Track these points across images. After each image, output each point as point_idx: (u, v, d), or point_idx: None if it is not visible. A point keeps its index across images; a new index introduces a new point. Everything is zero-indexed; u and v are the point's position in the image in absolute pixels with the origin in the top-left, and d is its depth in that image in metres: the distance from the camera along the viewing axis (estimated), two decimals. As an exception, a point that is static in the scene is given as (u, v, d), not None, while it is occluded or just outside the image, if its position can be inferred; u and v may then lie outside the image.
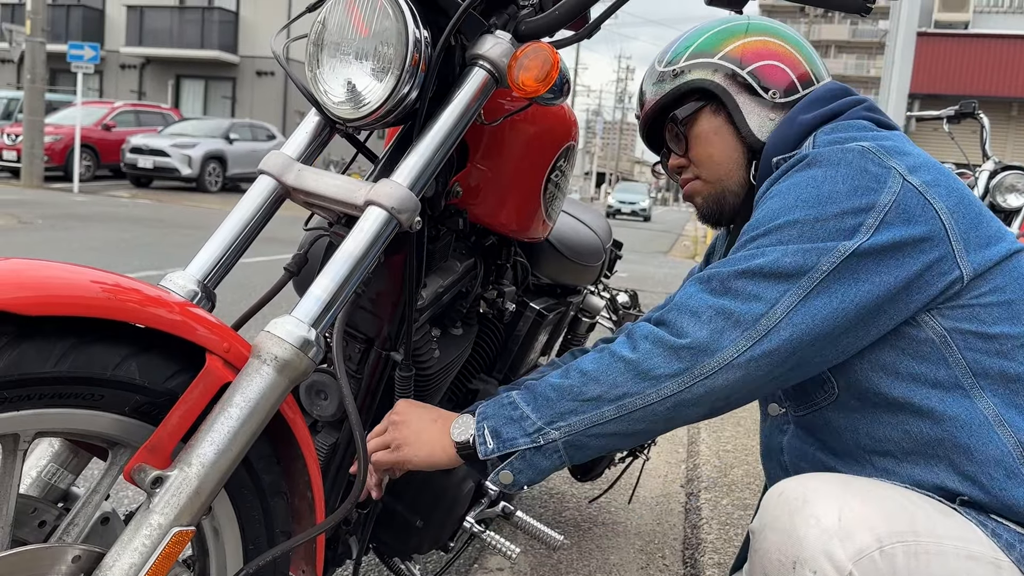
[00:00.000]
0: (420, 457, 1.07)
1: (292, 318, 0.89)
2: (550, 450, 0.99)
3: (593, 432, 0.98)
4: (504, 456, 1.00)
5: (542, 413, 0.99)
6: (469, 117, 1.01)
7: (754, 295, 0.95)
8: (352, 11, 0.98)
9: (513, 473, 1.00)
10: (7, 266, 0.76)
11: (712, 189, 1.21)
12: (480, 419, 1.03)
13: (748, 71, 1.15)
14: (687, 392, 0.95)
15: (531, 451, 0.99)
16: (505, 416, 1.01)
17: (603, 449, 1.01)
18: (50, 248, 6.50)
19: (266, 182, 1.03)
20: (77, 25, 23.08)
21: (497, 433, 1.01)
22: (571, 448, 0.99)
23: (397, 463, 1.09)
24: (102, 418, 0.81)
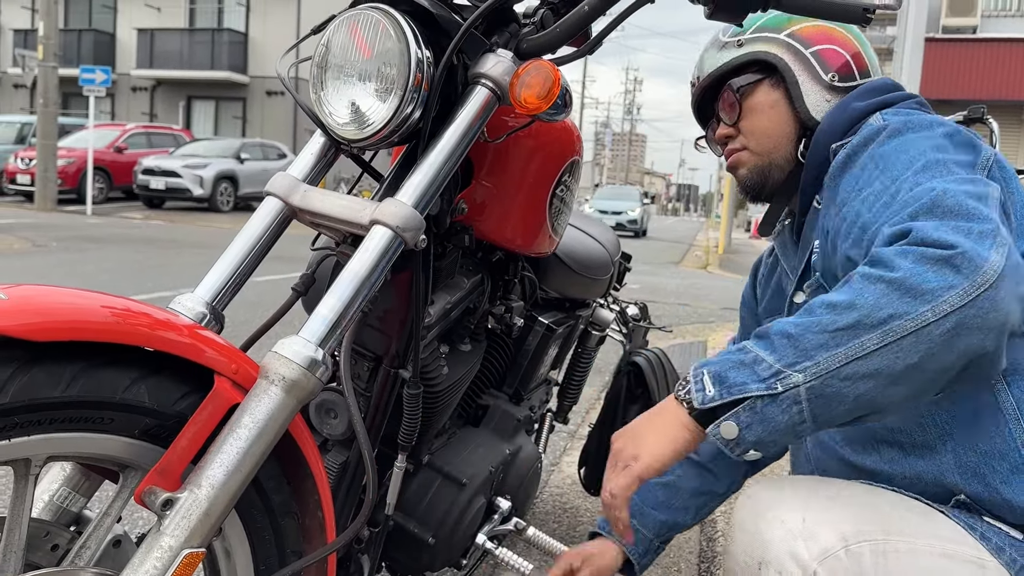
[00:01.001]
0: (659, 451, 0.90)
1: (299, 338, 0.89)
2: (789, 400, 0.83)
3: (849, 372, 0.81)
4: (729, 404, 0.85)
5: (781, 353, 0.84)
6: (472, 135, 1.01)
7: (975, 211, 0.85)
8: (355, 33, 0.99)
9: (739, 426, 0.85)
10: (17, 292, 0.77)
11: (759, 161, 1.22)
12: (699, 367, 0.89)
13: (811, 51, 1.18)
14: (971, 307, 0.78)
15: (765, 399, 0.83)
16: (732, 360, 0.87)
17: (859, 402, 0.83)
18: (64, 271, 6.55)
19: (273, 203, 1.04)
20: (88, 49, 23.35)
21: (721, 378, 0.86)
22: (818, 399, 0.82)
23: (638, 477, 0.91)
24: (112, 441, 0.82)
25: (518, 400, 1.63)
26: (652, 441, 0.91)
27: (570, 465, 2.71)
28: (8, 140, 17.04)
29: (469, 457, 1.38)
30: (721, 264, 13.76)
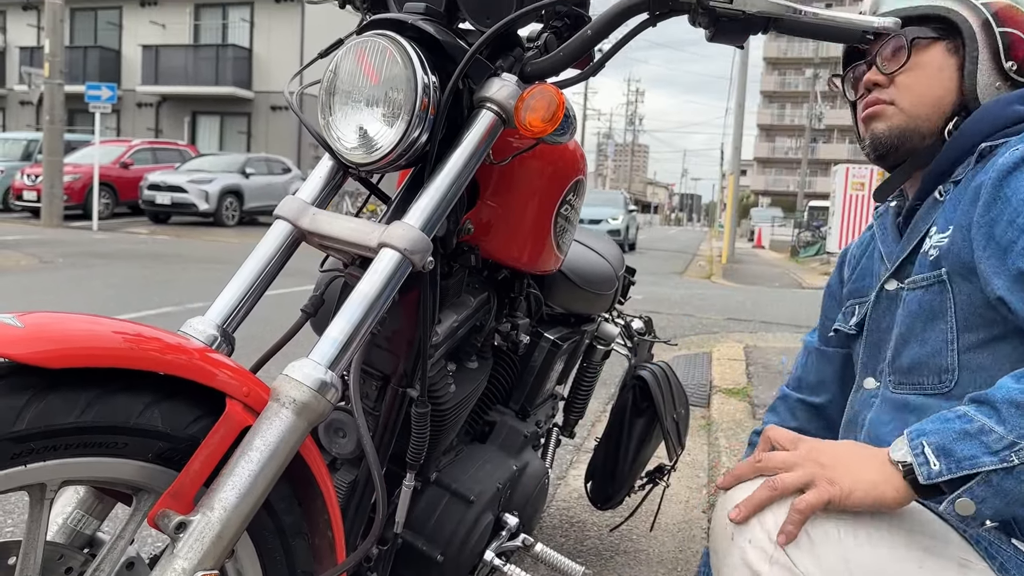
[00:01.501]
0: (861, 490, 0.87)
1: (309, 361, 0.90)
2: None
3: None
4: (960, 480, 0.82)
5: (1013, 424, 0.80)
6: (478, 158, 1.03)
7: None
8: (362, 59, 1.01)
9: (975, 501, 0.81)
10: (31, 320, 0.78)
11: (903, 121, 1.13)
12: (915, 436, 0.86)
13: (1001, 31, 1.08)
14: None
15: (1000, 472, 0.80)
16: (955, 431, 0.84)
17: None
18: (71, 287, 6.58)
19: (282, 226, 1.05)
20: (94, 66, 23.52)
21: (946, 451, 0.83)
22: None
23: (832, 501, 0.87)
24: (126, 465, 0.83)
25: (524, 416, 1.64)
26: (858, 477, 0.88)
27: (577, 479, 2.72)
28: (14, 157, 17.14)
29: (476, 474, 1.39)
30: (724, 274, 13.76)
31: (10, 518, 2.17)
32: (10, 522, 2.15)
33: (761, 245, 28.15)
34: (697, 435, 3.40)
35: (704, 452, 3.18)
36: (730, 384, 4.18)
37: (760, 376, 4.40)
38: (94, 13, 24.70)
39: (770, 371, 4.54)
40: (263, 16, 22.88)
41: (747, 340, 5.79)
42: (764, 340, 5.89)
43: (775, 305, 8.50)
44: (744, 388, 4.08)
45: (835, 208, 15.82)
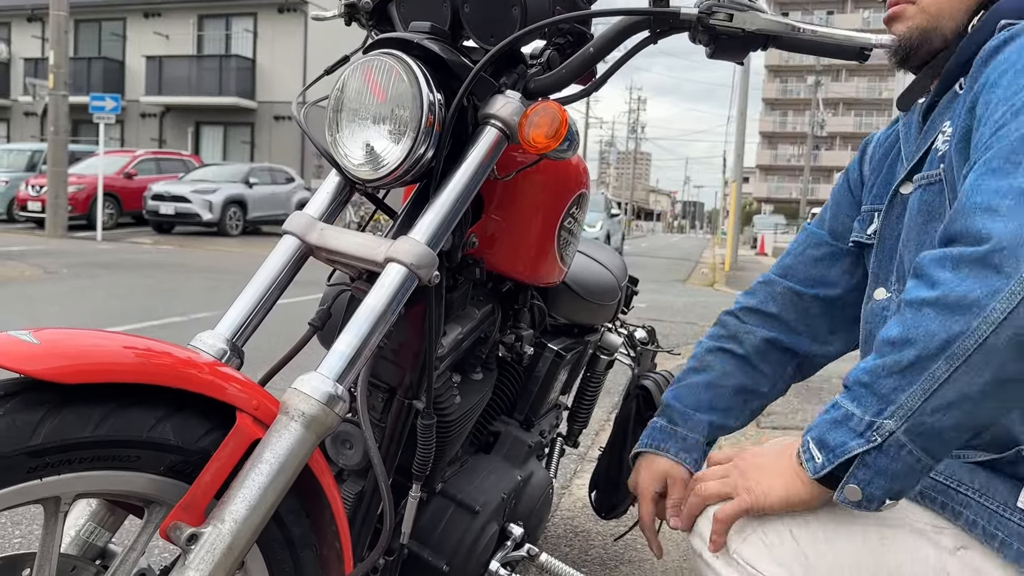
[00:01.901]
0: (776, 494, 0.91)
1: (318, 374, 0.92)
2: (893, 447, 0.81)
3: (934, 405, 0.78)
4: (844, 467, 0.84)
5: (865, 404, 0.82)
6: (483, 173, 1.04)
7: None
8: (369, 77, 1.02)
9: (860, 486, 0.83)
10: (46, 336, 0.80)
11: (924, 21, 1.05)
12: (805, 433, 0.89)
13: None
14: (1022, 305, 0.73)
15: (871, 453, 0.82)
16: (828, 421, 0.86)
17: (962, 427, 0.80)
18: (75, 298, 6.61)
19: (290, 241, 1.07)
20: (98, 76, 23.65)
21: (823, 443, 0.86)
22: (920, 437, 0.80)
23: (751, 508, 0.93)
24: (138, 478, 0.84)
25: (529, 426, 1.65)
26: (772, 483, 0.91)
27: (581, 488, 2.72)
28: (19, 167, 17.23)
29: (481, 484, 1.40)
30: (728, 281, 13.77)
31: (18, 528, 2.19)
32: (18, 532, 2.17)
33: (764, 252, 28.17)
34: (701, 444, 3.41)
35: (707, 461, 3.19)
36: (733, 392, 4.18)
37: (763, 384, 4.41)
38: (98, 24, 24.84)
39: (773, 379, 4.55)
40: (266, 27, 23.01)
41: (750, 348, 5.79)
42: (767, 348, 5.89)
43: (778, 313, 8.48)
44: (747, 396, 4.09)
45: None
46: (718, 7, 0.97)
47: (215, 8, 23.60)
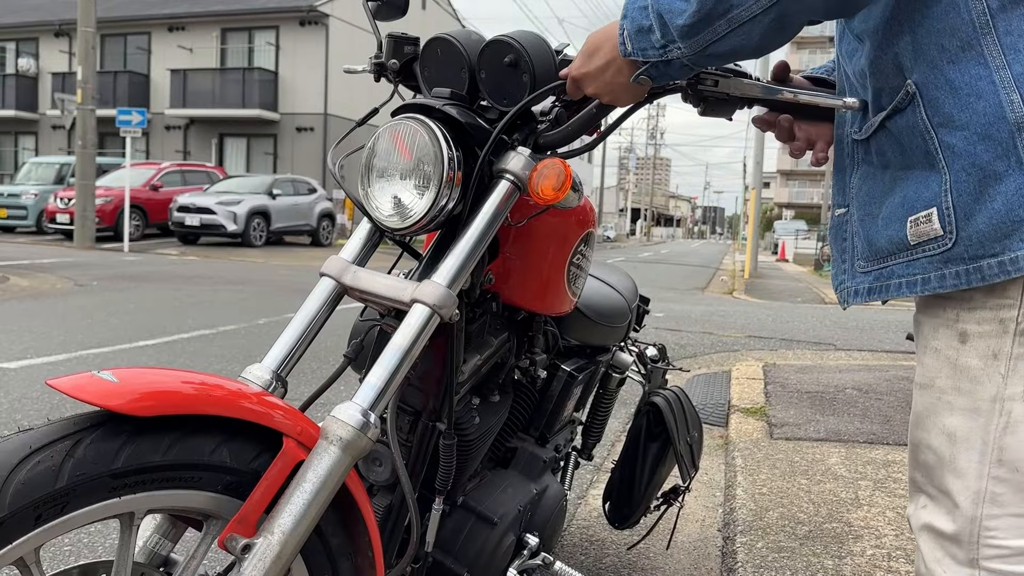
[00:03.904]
0: (599, 61, 1.07)
1: (353, 403, 1.04)
2: (678, 64, 0.99)
3: (716, 50, 0.95)
4: (639, 63, 1.02)
5: (661, 31, 0.97)
6: (498, 222, 1.17)
7: None
8: (397, 139, 1.16)
9: (651, 78, 1.03)
10: (123, 375, 0.93)
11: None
12: (623, 14, 1.02)
13: None
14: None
15: (661, 64, 1.00)
16: (638, 25, 0.99)
17: (740, 55, 0.98)
18: (108, 311, 6.81)
19: (327, 283, 1.20)
20: (124, 90, 24.09)
21: (632, 38, 1.01)
22: (703, 61, 0.98)
23: (582, 75, 1.09)
24: (200, 496, 0.97)
25: (544, 442, 1.77)
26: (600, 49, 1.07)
27: (596, 498, 2.84)
28: (48, 180, 17.63)
29: (499, 497, 1.51)
30: (747, 289, 13.80)
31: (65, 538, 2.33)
32: (67, 540, 2.31)
33: (784, 258, 28.11)
34: (714, 454, 3.51)
35: (721, 472, 3.29)
36: (748, 403, 4.27)
37: (778, 395, 4.49)
38: (124, 38, 25.32)
39: (788, 390, 4.63)
40: (288, 39, 23.36)
41: (767, 358, 5.88)
42: (784, 358, 5.97)
43: (797, 322, 8.56)
44: (762, 407, 4.18)
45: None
46: (705, 75, 1.09)
47: (238, 22, 23.99)
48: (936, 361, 0.99)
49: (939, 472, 0.98)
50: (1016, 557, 0.94)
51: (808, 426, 3.84)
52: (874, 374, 5.24)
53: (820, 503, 2.79)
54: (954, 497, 0.96)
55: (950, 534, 0.97)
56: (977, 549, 0.95)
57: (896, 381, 4.97)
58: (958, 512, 0.96)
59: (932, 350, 1.00)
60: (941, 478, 0.98)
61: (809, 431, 3.75)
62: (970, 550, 0.96)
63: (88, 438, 0.87)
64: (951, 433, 0.97)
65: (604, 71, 1.07)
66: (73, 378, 0.91)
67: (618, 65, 1.05)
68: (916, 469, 1.04)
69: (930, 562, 1.00)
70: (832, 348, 6.61)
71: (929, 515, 1.01)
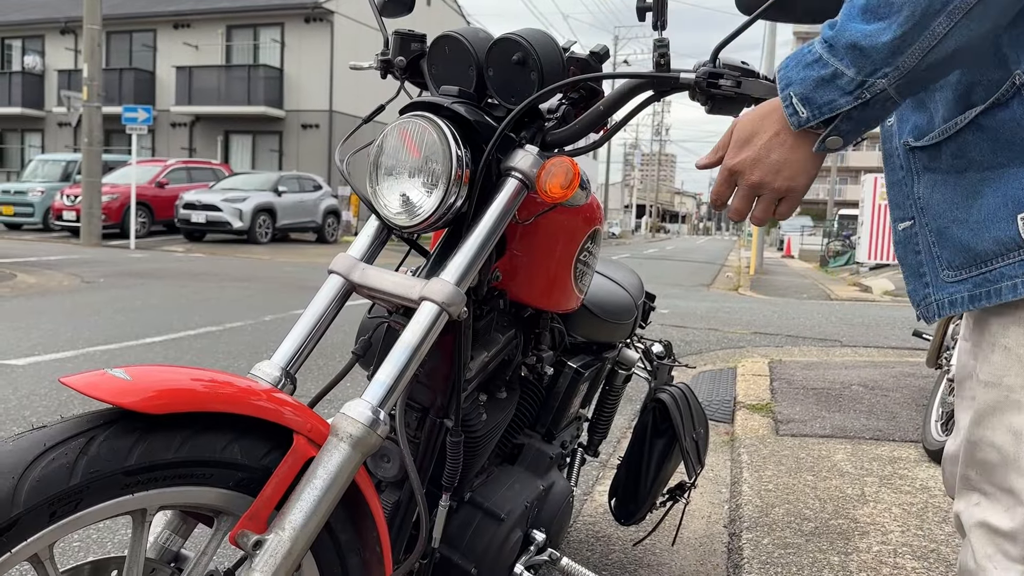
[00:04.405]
0: (758, 144, 0.97)
1: (362, 401, 1.05)
2: (879, 101, 0.88)
3: (929, 61, 0.85)
4: (826, 122, 0.91)
5: (859, 66, 0.87)
6: (506, 219, 1.18)
7: None
8: (405, 137, 1.16)
9: (841, 135, 0.92)
10: (135, 373, 0.94)
11: None
12: (783, 85, 0.93)
13: None
14: None
15: (857, 108, 0.89)
16: (813, 79, 0.90)
17: (944, 72, 0.89)
18: (115, 308, 6.83)
19: (336, 280, 1.21)
20: (129, 87, 24.15)
21: (808, 100, 0.91)
22: (906, 87, 0.88)
23: (740, 163, 0.99)
24: (211, 492, 0.98)
25: (550, 438, 1.77)
26: (758, 128, 0.97)
27: (602, 494, 2.84)
28: (54, 178, 17.68)
29: (506, 493, 1.52)
30: (752, 286, 13.78)
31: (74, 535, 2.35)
32: (76, 537, 2.33)
33: (790, 255, 28.05)
34: (720, 451, 3.51)
35: (727, 468, 3.29)
36: (754, 400, 4.28)
37: (784, 392, 4.49)
38: (129, 35, 25.36)
39: (794, 387, 4.63)
40: (293, 36, 23.38)
41: (772, 355, 5.88)
42: (790, 355, 5.97)
43: (802, 318, 8.55)
44: (767, 404, 4.18)
45: (864, 218, 15.78)
46: (713, 72, 1.09)
47: (243, 19, 24.00)
48: (1006, 359, 0.97)
49: (1001, 470, 0.97)
50: None
51: (814, 422, 3.84)
52: (880, 370, 5.23)
53: (826, 499, 2.79)
54: (1018, 495, 0.95)
55: (1007, 531, 0.96)
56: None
57: (902, 377, 4.96)
58: (1019, 510, 0.95)
59: (1001, 348, 0.97)
60: (1004, 476, 0.97)
61: (815, 427, 3.76)
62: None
63: (101, 435, 0.88)
64: (1018, 431, 0.95)
65: (769, 152, 0.96)
66: (86, 376, 0.91)
67: (789, 142, 0.95)
68: (971, 467, 1.02)
69: (980, 558, 0.99)
70: (838, 344, 6.61)
71: (983, 512, 1.00)
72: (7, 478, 0.81)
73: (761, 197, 1.00)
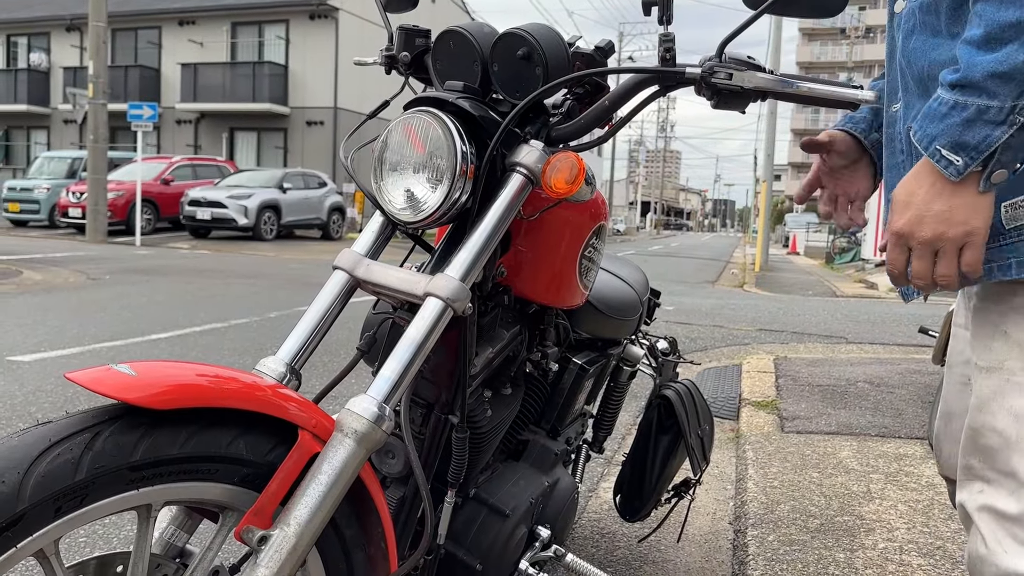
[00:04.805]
0: (980, 217, 0.94)
1: (367, 396, 1.05)
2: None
3: None
4: (985, 160, 0.91)
5: (1004, 94, 0.88)
6: (510, 215, 1.17)
7: None
8: (409, 132, 1.16)
9: (1006, 166, 0.91)
10: (141, 368, 0.94)
11: None
12: (924, 144, 0.94)
13: None
14: None
15: (1012, 136, 0.89)
16: (956, 124, 0.91)
17: None
18: (121, 304, 6.84)
19: (340, 276, 1.20)
20: (135, 84, 24.18)
21: (960, 145, 0.91)
22: None
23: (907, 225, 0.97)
24: (216, 488, 0.98)
25: (555, 435, 1.77)
26: (965, 209, 0.95)
27: (607, 491, 2.84)
28: (60, 175, 17.70)
29: (511, 490, 1.52)
30: (757, 282, 13.76)
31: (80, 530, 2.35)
32: (82, 532, 2.33)
33: (796, 251, 28.00)
34: (725, 448, 3.51)
35: (732, 465, 3.29)
36: (759, 397, 4.27)
37: (789, 388, 4.48)
38: (134, 32, 25.40)
39: (799, 383, 4.62)
40: (298, 33, 23.38)
41: (778, 351, 5.87)
42: (795, 351, 5.96)
43: (808, 315, 8.53)
44: (773, 401, 4.17)
45: (869, 215, 15.73)
46: (719, 67, 1.09)
47: (248, 16, 24.01)
48: (1006, 345, 1.01)
49: (1004, 454, 0.99)
50: None
51: (819, 419, 3.83)
52: (886, 367, 5.22)
53: (831, 496, 2.79)
54: (1021, 477, 0.98)
55: (1014, 515, 0.98)
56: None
57: (908, 374, 4.95)
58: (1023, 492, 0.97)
59: (1001, 334, 1.02)
60: (1007, 459, 0.99)
61: (820, 424, 3.75)
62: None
63: (107, 431, 0.88)
64: (1019, 414, 0.98)
65: (931, 204, 0.95)
66: (91, 371, 0.91)
67: (949, 189, 0.94)
68: (972, 455, 1.05)
69: (991, 542, 1.00)
70: (843, 341, 6.59)
71: (988, 498, 1.01)
72: (12, 473, 0.81)
73: (940, 252, 0.97)
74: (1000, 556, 0.98)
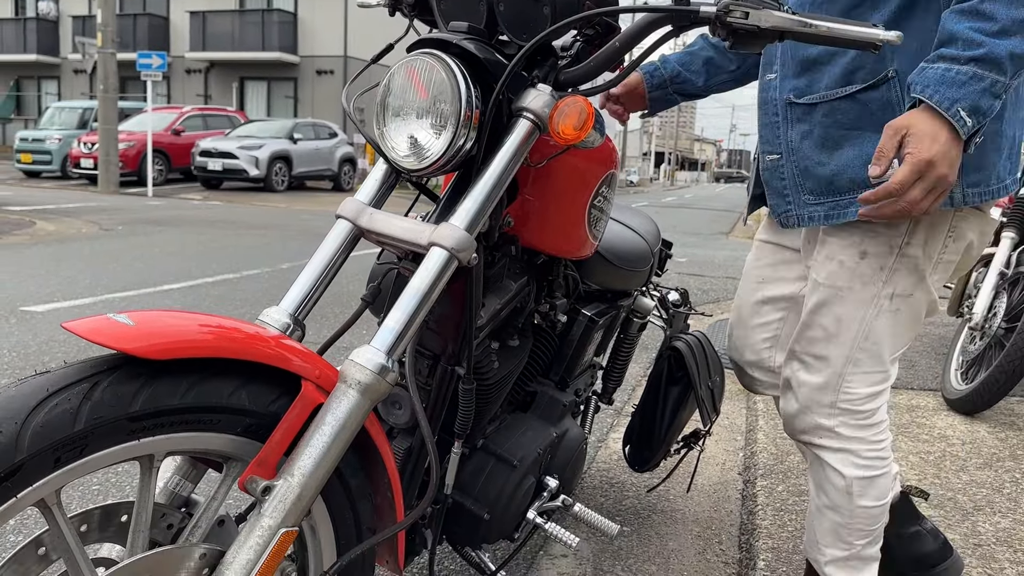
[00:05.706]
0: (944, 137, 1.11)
1: (371, 347, 1.03)
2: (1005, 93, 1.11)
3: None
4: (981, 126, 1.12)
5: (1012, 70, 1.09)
6: (517, 162, 1.14)
7: None
8: (412, 76, 1.12)
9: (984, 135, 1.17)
10: (139, 318, 0.92)
11: None
12: (946, 105, 1.09)
13: None
14: None
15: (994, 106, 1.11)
16: (979, 90, 1.09)
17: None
18: (134, 255, 6.86)
19: (343, 225, 1.18)
20: (144, 33, 23.94)
21: (976, 109, 1.09)
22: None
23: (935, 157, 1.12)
24: (219, 438, 0.97)
25: (564, 386, 1.76)
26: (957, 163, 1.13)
27: (616, 441, 2.84)
28: (71, 125, 17.65)
29: (519, 440, 1.51)
30: (772, 233, 13.61)
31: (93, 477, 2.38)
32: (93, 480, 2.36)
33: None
34: (736, 399, 3.50)
35: (742, 416, 3.28)
36: (770, 348, 4.24)
37: (801, 340, 4.45)
38: (143, -21, 25.09)
39: (811, 335, 4.58)
40: (306, -22, 23.01)
41: (790, 303, 5.81)
42: (807, 303, 5.90)
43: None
44: (784, 352, 4.14)
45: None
46: (735, 6, 1.04)
47: (256, -39, 23.64)
48: (840, 269, 1.38)
49: (822, 344, 1.42)
50: (860, 400, 1.41)
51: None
52: (900, 319, 5.17)
53: (842, 448, 2.78)
54: (829, 360, 1.41)
55: (818, 384, 1.43)
56: (837, 394, 1.42)
57: (922, 325, 4.90)
58: (830, 370, 1.41)
59: (837, 261, 1.38)
60: (824, 348, 1.42)
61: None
62: (832, 394, 1.42)
63: (105, 381, 0.87)
64: (839, 317, 1.39)
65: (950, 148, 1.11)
66: (89, 321, 0.90)
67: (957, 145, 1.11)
68: (799, 343, 1.47)
69: (804, 401, 1.46)
70: (857, 293, 6.52)
71: (804, 374, 1.46)
72: (9, 424, 0.80)
73: (934, 190, 1.13)
74: (813, 409, 1.45)
